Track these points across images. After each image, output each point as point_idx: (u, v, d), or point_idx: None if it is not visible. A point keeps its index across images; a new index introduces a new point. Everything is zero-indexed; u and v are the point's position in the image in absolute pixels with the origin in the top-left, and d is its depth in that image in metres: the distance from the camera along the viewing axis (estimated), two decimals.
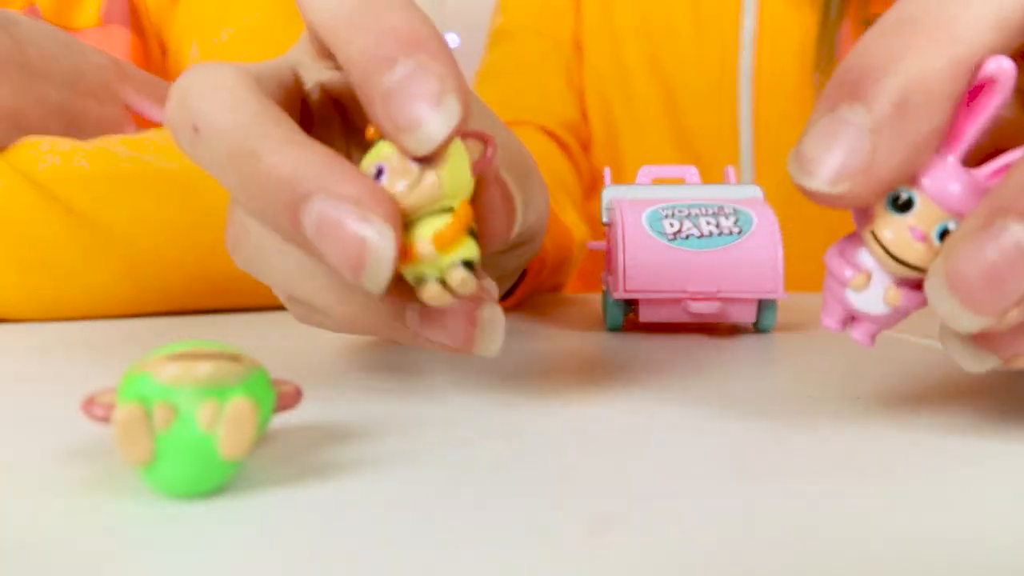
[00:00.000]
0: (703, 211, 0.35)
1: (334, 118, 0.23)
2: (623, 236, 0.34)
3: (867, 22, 0.58)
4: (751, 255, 0.34)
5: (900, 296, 0.17)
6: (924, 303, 0.17)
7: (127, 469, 0.16)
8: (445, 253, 0.17)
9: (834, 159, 0.16)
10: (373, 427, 0.19)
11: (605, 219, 0.37)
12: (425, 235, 0.17)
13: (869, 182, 0.16)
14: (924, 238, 0.16)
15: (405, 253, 0.17)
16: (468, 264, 0.18)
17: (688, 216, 0.35)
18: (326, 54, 0.21)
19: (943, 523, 0.14)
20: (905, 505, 0.15)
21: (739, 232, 0.34)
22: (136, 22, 0.55)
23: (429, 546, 0.13)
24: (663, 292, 0.34)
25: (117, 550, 0.13)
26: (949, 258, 0.15)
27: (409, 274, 0.18)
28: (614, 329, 0.36)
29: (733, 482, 0.16)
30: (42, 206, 0.38)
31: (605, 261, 0.39)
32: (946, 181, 0.16)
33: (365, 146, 0.20)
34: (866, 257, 0.17)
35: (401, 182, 0.17)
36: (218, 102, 0.18)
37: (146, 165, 0.40)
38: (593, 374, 0.27)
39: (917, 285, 0.17)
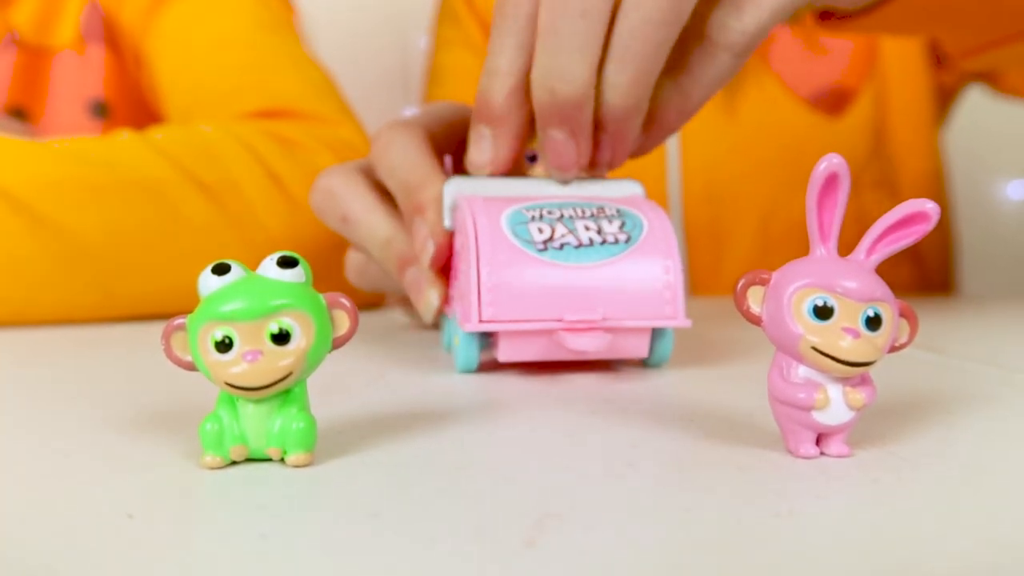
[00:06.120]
0: (579, 212, 0.27)
1: None
2: (478, 246, 0.26)
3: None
4: (644, 270, 0.26)
5: (862, 395, 0.17)
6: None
7: None
8: None
9: None
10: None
11: (448, 223, 0.28)
12: None
13: None
14: (857, 333, 0.17)
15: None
16: None
17: (561, 219, 0.27)
18: None
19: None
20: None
21: (627, 240, 0.26)
22: (111, 37, 0.55)
23: (375, 548, 0.13)
24: (532, 322, 0.25)
25: None
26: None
27: None
28: (467, 372, 0.28)
29: None
30: (12, 217, 0.39)
31: (449, 281, 0.30)
32: (846, 275, 0.17)
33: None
34: (808, 372, 0.17)
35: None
36: (358, 203, 0.30)
37: (118, 173, 0.41)
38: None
39: (862, 380, 0.18)
